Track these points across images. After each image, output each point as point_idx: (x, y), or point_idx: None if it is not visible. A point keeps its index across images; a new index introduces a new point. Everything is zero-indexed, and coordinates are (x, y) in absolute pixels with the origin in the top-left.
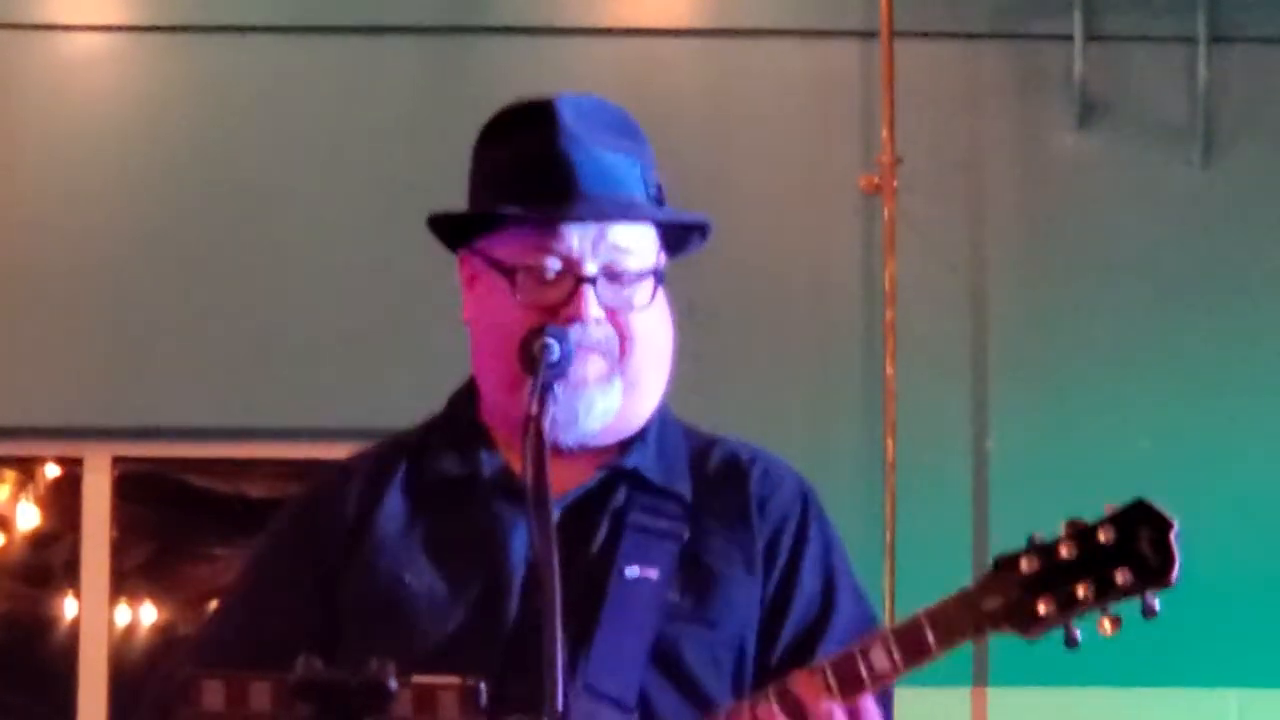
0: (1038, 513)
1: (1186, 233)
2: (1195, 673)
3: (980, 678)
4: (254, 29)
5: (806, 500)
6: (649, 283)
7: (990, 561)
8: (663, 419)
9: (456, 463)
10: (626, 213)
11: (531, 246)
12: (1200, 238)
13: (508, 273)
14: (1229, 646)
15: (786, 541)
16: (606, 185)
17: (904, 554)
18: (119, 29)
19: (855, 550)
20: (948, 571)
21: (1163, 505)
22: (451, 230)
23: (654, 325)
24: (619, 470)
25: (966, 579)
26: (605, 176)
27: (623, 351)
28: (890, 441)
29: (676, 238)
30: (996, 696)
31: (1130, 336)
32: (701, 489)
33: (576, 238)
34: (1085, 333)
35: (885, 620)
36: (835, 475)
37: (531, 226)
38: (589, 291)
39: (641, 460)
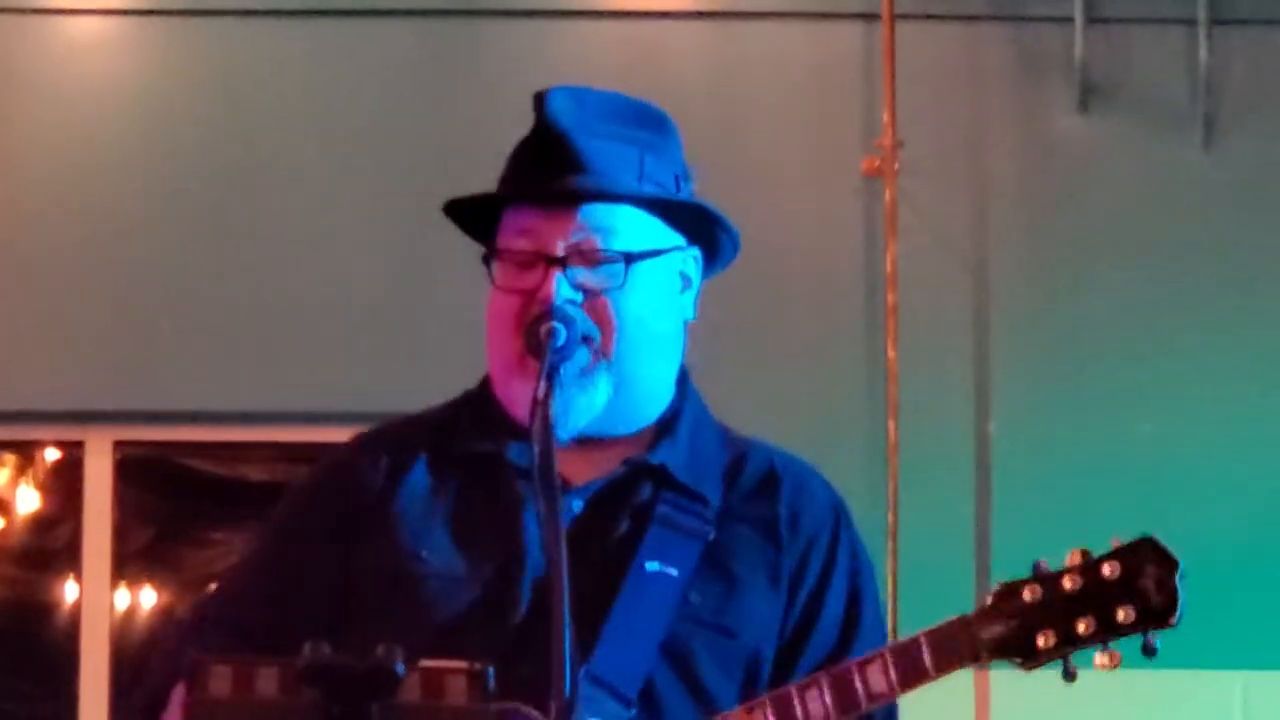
0: (1039, 496)
1: (1188, 216)
2: (1200, 655)
3: None
4: (253, 13)
5: (838, 517)
6: (622, 264)
7: (990, 585)
8: (697, 418)
9: (484, 442)
10: (599, 189)
11: (510, 233)
12: (1201, 220)
13: (487, 260)
14: (1234, 629)
15: (815, 562)
16: (583, 167)
17: (906, 537)
18: (118, 13)
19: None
20: (949, 554)
21: (1168, 544)
22: (478, 233)
23: (644, 310)
24: (645, 465)
25: (969, 563)
26: (584, 158)
27: (605, 336)
28: (892, 424)
29: (699, 232)
30: (999, 679)
31: (1131, 319)
32: (732, 496)
33: (545, 219)
34: (1087, 316)
35: (888, 605)
36: (837, 458)
37: (513, 214)
38: (556, 273)
39: (670, 457)
